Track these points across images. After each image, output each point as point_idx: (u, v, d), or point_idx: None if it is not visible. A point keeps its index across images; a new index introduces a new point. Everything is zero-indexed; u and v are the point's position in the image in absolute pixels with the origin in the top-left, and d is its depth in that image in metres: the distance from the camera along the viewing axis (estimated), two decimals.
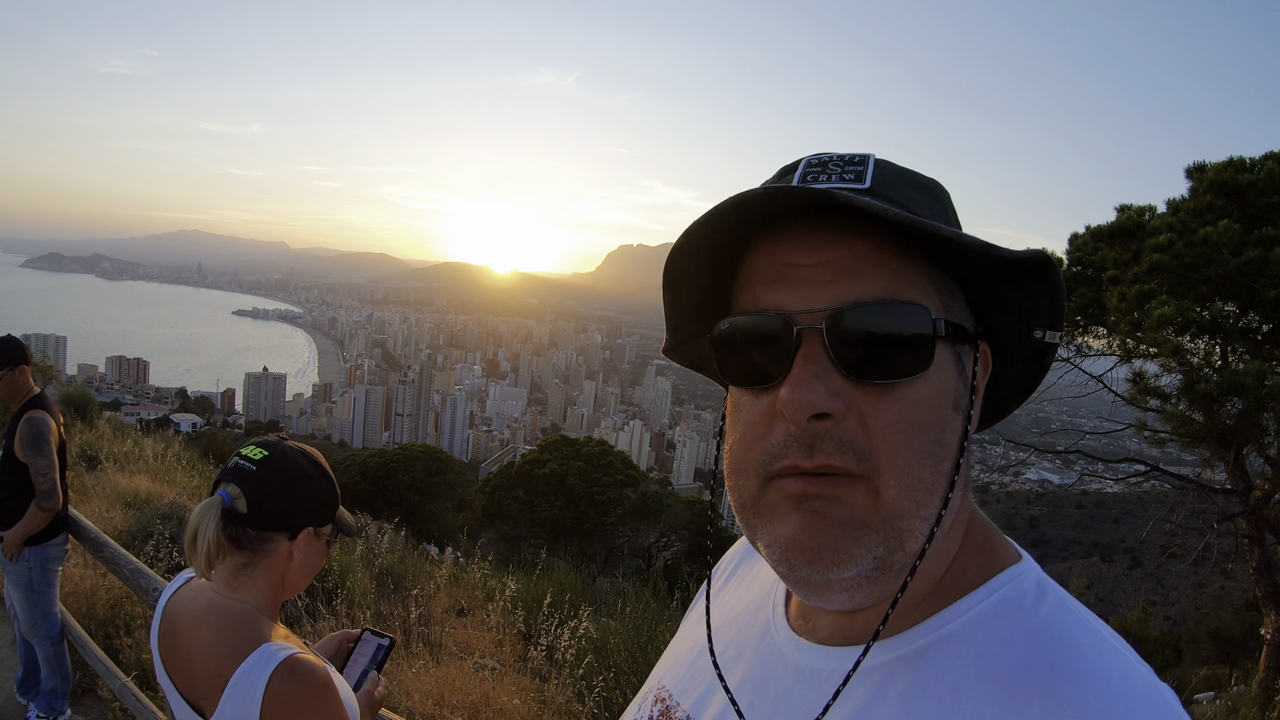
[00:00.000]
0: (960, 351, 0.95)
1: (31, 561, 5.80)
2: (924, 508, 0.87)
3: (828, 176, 0.92)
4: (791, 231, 0.92)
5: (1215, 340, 11.92)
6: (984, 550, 0.98)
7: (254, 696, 1.91)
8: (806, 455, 0.87)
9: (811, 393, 0.85)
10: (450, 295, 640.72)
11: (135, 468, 13.65)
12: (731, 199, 0.85)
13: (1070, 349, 14.67)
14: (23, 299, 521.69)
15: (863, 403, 0.87)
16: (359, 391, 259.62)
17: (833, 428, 0.86)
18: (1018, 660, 0.85)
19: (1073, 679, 0.80)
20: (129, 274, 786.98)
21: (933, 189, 0.98)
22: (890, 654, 0.93)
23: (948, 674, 0.88)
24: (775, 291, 0.91)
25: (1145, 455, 15.82)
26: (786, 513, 0.89)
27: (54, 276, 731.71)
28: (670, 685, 1.22)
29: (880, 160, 0.94)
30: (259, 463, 2.18)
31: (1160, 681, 0.83)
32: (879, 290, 0.87)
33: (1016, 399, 1.11)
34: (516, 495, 29.84)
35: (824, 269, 0.89)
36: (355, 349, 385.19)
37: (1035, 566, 0.97)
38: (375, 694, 2.46)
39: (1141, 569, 65.63)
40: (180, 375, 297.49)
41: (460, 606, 9.22)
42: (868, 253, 0.88)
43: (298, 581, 2.26)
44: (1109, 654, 0.84)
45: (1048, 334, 0.96)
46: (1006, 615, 0.90)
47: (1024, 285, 0.91)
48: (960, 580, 0.95)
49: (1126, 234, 12.37)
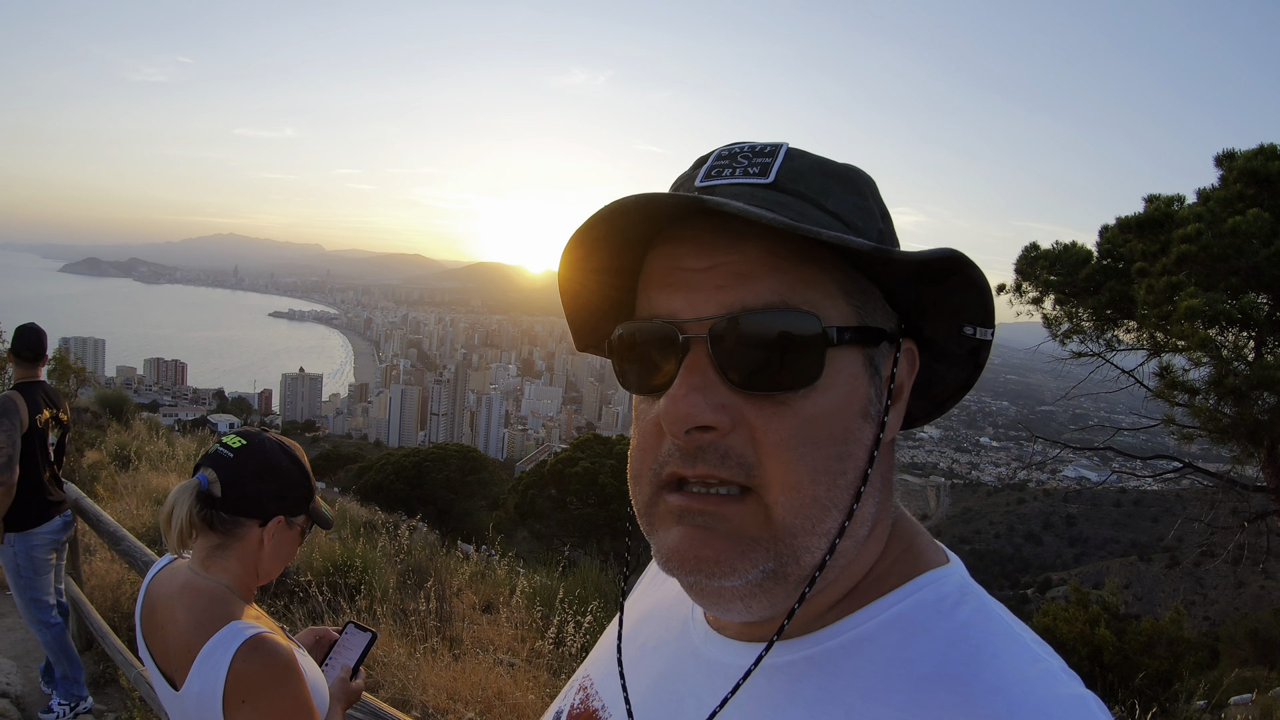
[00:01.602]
0: (874, 354, 0.90)
1: (17, 548, 6.01)
2: (820, 524, 0.84)
3: (731, 170, 0.89)
4: (690, 233, 0.89)
5: (1246, 332, 11.72)
6: (906, 554, 0.96)
7: (219, 672, 1.96)
8: (689, 464, 0.85)
9: (689, 406, 0.82)
10: (484, 295, 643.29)
11: (168, 466, 13.84)
12: (612, 204, 0.84)
13: (1100, 343, 14.53)
14: (62, 303, 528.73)
15: (752, 416, 0.84)
16: (395, 391, 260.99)
17: (718, 439, 0.84)
18: (931, 667, 0.82)
19: (989, 690, 0.78)
20: (166, 277, 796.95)
21: (850, 178, 0.93)
22: (799, 653, 0.92)
23: (857, 680, 0.86)
24: (667, 297, 0.89)
25: (1180, 451, 15.62)
26: (670, 524, 0.89)
27: (92, 281, 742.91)
28: (593, 674, 1.22)
29: (793, 150, 0.91)
30: (237, 451, 2.27)
31: (1085, 690, 0.79)
32: (770, 296, 0.84)
33: (954, 395, 1.07)
34: (549, 494, 29.84)
35: (715, 273, 0.86)
36: (391, 349, 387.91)
37: (961, 569, 0.95)
38: (352, 685, 2.52)
39: (1180, 568, 64.86)
40: (218, 377, 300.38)
41: (486, 603, 9.26)
42: (762, 256, 0.85)
43: (269, 568, 2.33)
44: (1029, 661, 0.81)
45: (978, 330, 0.93)
46: (923, 619, 0.88)
47: (946, 283, 0.88)
48: (878, 584, 0.93)
49: (1154, 225, 12.23)
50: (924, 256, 0.82)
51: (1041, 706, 0.75)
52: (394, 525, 12.92)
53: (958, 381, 1.04)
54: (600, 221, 0.86)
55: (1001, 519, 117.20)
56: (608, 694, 1.15)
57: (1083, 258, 14.11)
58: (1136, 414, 15.50)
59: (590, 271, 0.97)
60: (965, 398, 1.08)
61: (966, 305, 0.90)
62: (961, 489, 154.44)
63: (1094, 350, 14.59)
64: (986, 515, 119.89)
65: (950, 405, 1.08)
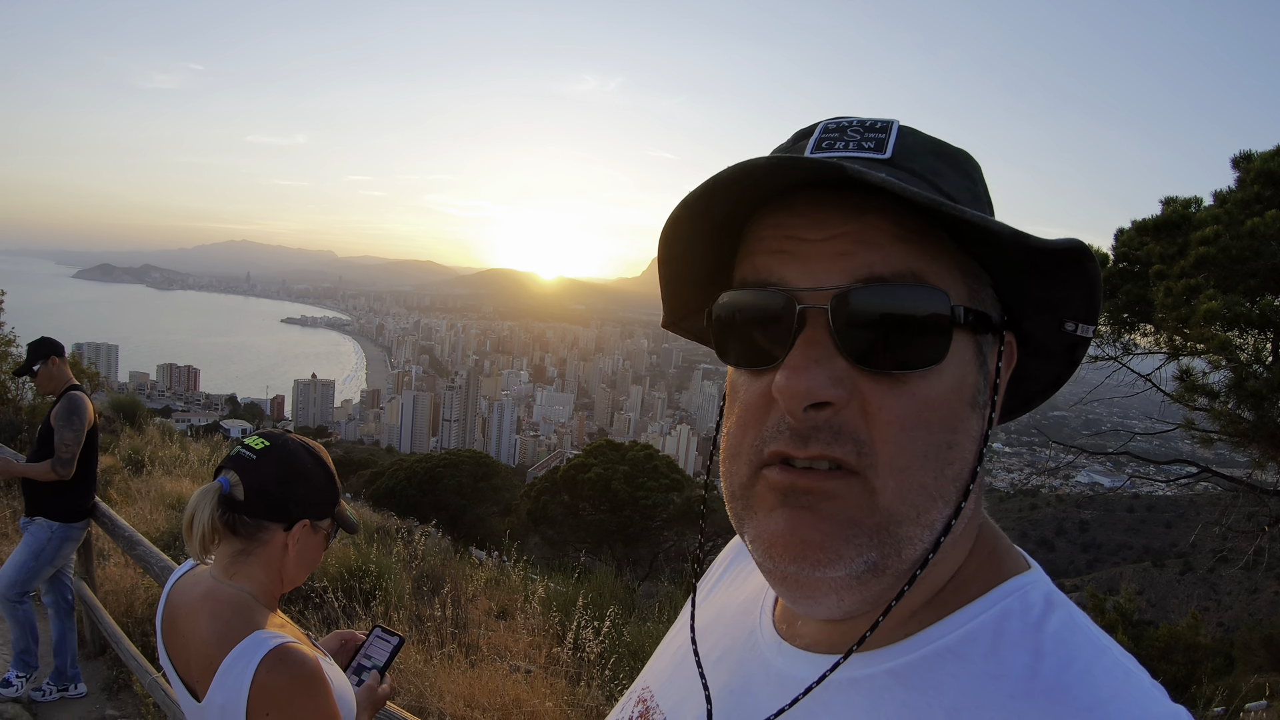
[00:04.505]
0: (982, 342, 0.87)
1: (54, 535, 6.16)
2: (925, 514, 0.80)
3: (844, 144, 0.85)
4: (801, 205, 0.84)
5: (1265, 335, 11.60)
6: (990, 559, 0.92)
7: (242, 683, 1.91)
8: (800, 445, 0.80)
9: (810, 380, 0.78)
10: (496, 301, 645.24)
11: (180, 471, 13.87)
12: (733, 168, 0.78)
13: (1117, 347, 14.46)
14: (75, 309, 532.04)
15: (868, 392, 0.79)
16: (407, 397, 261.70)
17: (832, 416, 0.79)
18: (1021, 683, 0.78)
19: (1083, 709, 0.74)
20: (179, 284, 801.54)
21: (961, 162, 0.89)
22: (879, 666, 0.87)
23: (943, 696, 0.81)
24: (779, 264, 0.84)
25: (1196, 456, 15.52)
26: (772, 506, 0.83)
27: (105, 287, 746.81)
28: (654, 686, 1.16)
29: (905, 127, 0.87)
30: (260, 453, 2.21)
31: (1175, 705, 0.76)
32: (900, 265, 0.80)
33: (1042, 393, 1.03)
34: (561, 500, 29.90)
35: (837, 241, 0.81)
36: (403, 355, 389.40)
37: (1044, 577, 0.90)
38: (379, 690, 2.47)
39: (1194, 574, 64.59)
40: (230, 382, 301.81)
41: (501, 609, 9.25)
42: (887, 226, 0.80)
43: (294, 574, 2.28)
44: (1121, 677, 0.77)
45: (1080, 327, 0.89)
46: (1009, 631, 0.83)
47: (1057, 275, 0.83)
48: (962, 590, 0.89)
49: (1172, 227, 12.18)
50: (1054, 245, 0.79)
51: None
52: (407, 531, 12.93)
53: (1048, 378, 1.00)
54: (721, 185, 0.80)
55: (1014, 525, 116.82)
56: (671, 704, 1.10)
57: (1099, 261, 14.02)
58: (1150, 419, 15.44)
59: (689, 240, 0.91)
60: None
61: (1071, 300, 0.86)
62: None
63: (1110, 354, 14.52)
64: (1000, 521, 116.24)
65: (1037, 403, 1.04)
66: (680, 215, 0.85)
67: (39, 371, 6.17)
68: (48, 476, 6.00)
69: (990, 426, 0.86)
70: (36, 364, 6.16)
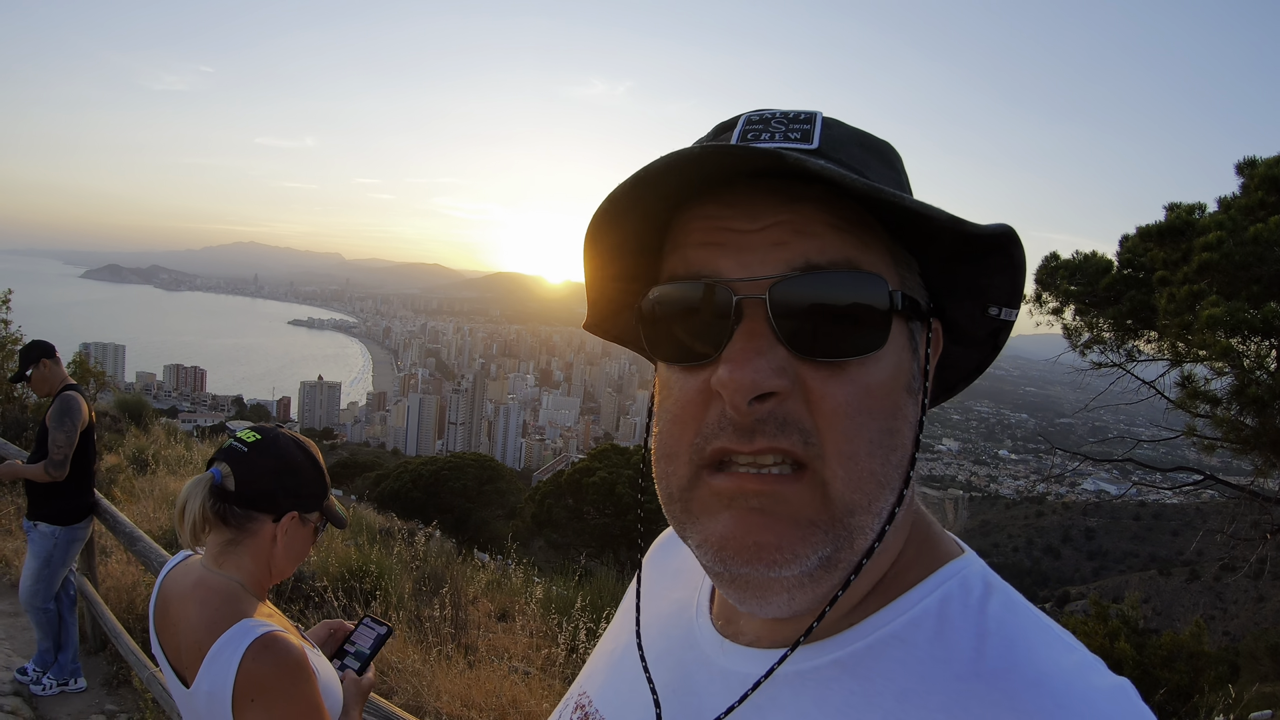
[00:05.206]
0: (914, 329, 0.87)
1: (59, 539, 6.25)
2: (875, 502, 0.80)
3: (770, 135, 0.83)
4: (732, 196, 0.83)
5: (1268, 341, 11.60)
6: (926, 545, 0.93)
7: (228, 671, 1.94)
8: (745, 439, 0.79)
9: (754, 371, 0.77)
10: (503, 305, 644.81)
11: (185, 471, 13.91)
12: (662, 159, 0.77)
13: (1121, 354, 14.44)
14: (83, 309, 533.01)
15: (810, 381, 0.79)
16: (413, 400, 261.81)
17: (776, 408, 0.78)
18: (968, 665, 0.79)
19: (1031, 684, 0.76)
20: (186, 285, 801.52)
21: (885, 152, 0.90)
22: (825, 657, 0.87)
23: (891, 682, 0.82)
24: (712, 256, 0.83)
25: (1201, 463, 15.50)
26: (717, 510, 0.82)
27: (113, 287, 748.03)
28: (591, 691, 1.15)
29: (828, 118, 0.86)
30: (251, 445, 2.27)
31: (1119, 677, 0.78)
32: (836, 254, 0.80)
33: (966, 379, 1.04)
34: (566, 503, 29.89)
35: (771, 231, 0.81)
36: (409, 358, 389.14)
37: (978, 560, 0.92)
38: (363, 680, 2.49)
39: (1200, 582, 64.33)
40: (237, 383, 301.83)
41: (501, 611, 9.26)
42: (821, 215, 0.80)
43: (283, 565, 2.32)
44: (1064, 652, 0.79)
45: (1004, 311, 0.90)
46: (952, 614, 0.84)
47: (985, 261, 0.85)
48: (902, 577, 0.90)
49: (1175, 233, 12.17)
50: (987, 230, 0.80)
51: (1085, 697, 0.74)
52: (410, 533, 12.95)
53: (971, 364, 1.01)
54: (651, 177, 0.79)
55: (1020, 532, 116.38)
56: (612, 708, 1.09)
57: (1103, 267, 14.05)
58: (1157, 426, 15.42)
59: (614, 237, 0.90)
60: (985, 409, 1.04)
61: (996, 285, 0.87)
62: (980, 502, 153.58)
63: (1114, 361, 14.50)
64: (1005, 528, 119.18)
65: (960, 389, 1.06)
66: (607, 210, 0.84)
67: (32, 375, 6.25)
68: (42, 478, 6.06)
69: (923, 413, 0.87)
70: (28, 369, 6.23)
